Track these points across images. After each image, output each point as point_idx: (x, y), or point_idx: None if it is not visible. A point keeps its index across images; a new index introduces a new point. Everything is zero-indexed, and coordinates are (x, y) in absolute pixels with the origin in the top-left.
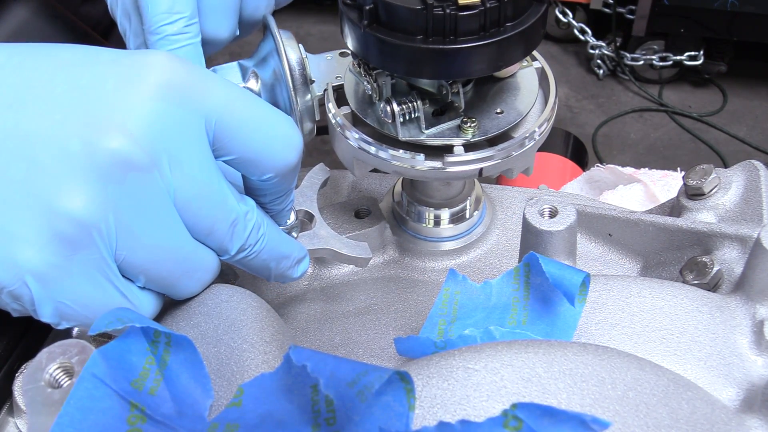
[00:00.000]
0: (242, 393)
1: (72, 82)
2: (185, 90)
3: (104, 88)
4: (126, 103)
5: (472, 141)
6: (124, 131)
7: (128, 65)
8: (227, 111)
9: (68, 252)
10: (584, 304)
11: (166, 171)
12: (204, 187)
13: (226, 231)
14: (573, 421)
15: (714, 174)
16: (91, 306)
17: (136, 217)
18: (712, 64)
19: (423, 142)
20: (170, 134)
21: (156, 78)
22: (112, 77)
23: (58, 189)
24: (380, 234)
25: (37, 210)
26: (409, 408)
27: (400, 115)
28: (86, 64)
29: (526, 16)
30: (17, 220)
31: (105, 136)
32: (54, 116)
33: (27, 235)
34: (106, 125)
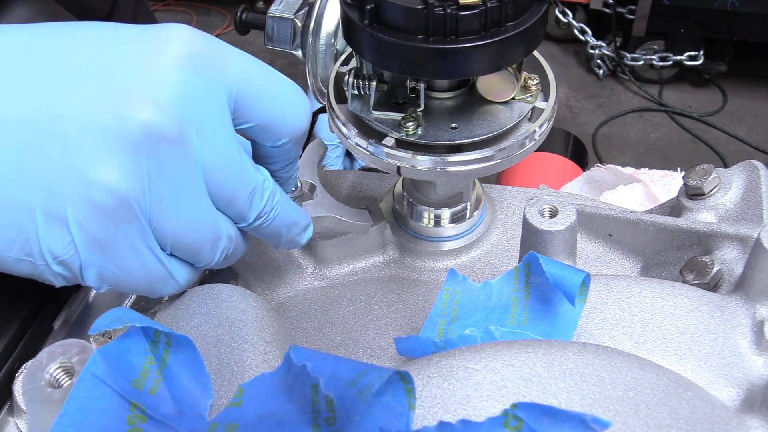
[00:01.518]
0: (242, 393)
1: (97, 59)
2: (207, 61)
3: (129, 62)
4: (152, 75)
5: (405, 139)
6: (154, 102)
7: (150, 39)
8: (247, 80)
9: (112, 223)
10: (584, 303)
11: (195, 142)
12: (227, 157)
13: (245, 200)
14: (573, 421)
15: (714, 174)
16: (133, 272)
17: (169, 188)
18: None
19: (365, 119)
20: (197, 104)
21: (178, 49)
22: (136, 51)
23: (95, 163)
24: (380, 234)
25: (78, 185)
26: (410, 408)
27: (353, 87)
28: (109, 40)
29: (526, 15)
30: (60, 196)
31: (135, 108)
32: (83, 92)
33: (72, 209)
34: (136, 97)
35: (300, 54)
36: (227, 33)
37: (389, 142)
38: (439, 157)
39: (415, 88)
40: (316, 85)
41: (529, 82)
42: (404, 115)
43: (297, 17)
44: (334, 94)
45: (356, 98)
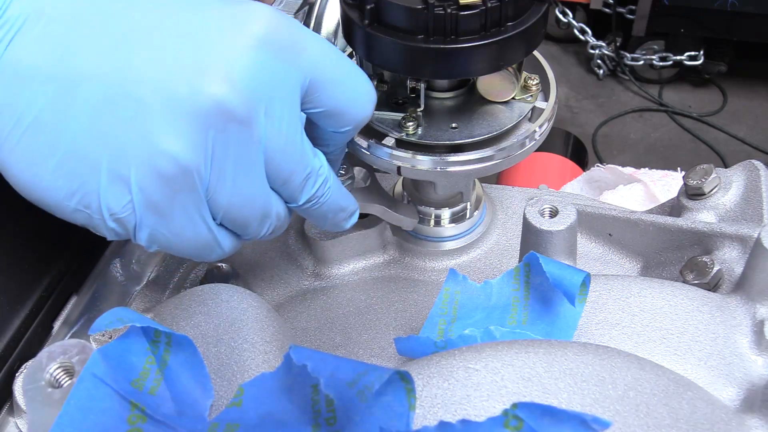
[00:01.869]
0: (242, 393)
1: (180, 28)
2: (286, 44)
3: (210, 36)
4: (231, 52)
5: (405, 139)
6: (229, 80)
7: (233, 15)
8: (321, 67)
9: (171, 190)
10: (584, 303)
11: (262, 122)
12: (289, 140)
13: (300, 183)
14: (573, 421)
15: (714, 174)
16: (183, 237)
17: (230, 164)
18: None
19: None
20: (269, 86)
21: (259, 29)
22: (218, 25)
23: (165, 131)
24: (380, 234)
25: (144, 149)
26: (410, 408)
27: None
28: (194, 10)
29: (526, 15)
30: (125, 157)
31: (210, 83)
32: (163, 59)
33: (135, 172)
34: (212, 72)
35: None
36: None
37: (389, 142)
38: (439, 157)
39: (415, 88)
40: None
41: (529, 82)
42: (404, 115)
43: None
44: None
45: None
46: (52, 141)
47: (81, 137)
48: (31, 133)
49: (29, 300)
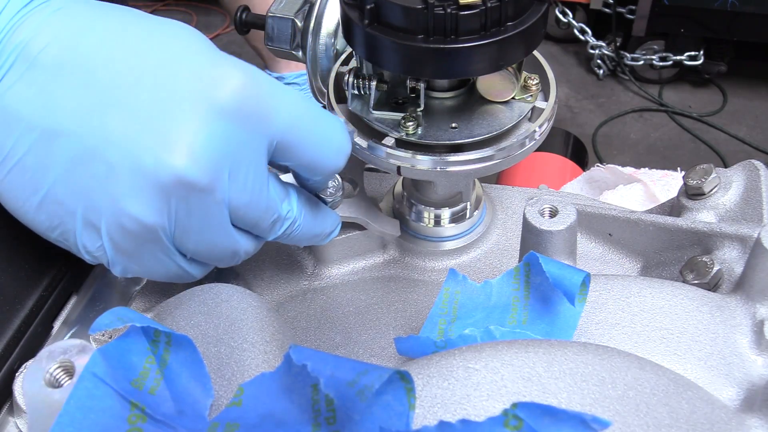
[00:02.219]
0: (242, 392)
1: (155, 92)
2: (254, 112)
3: (179, 104)
4: (195, 124)
5: (405, 139)
6: (191, 153)
7: (205, 77)
8: (290, 131)
9: (137, 242)
10: (584, 303)
11: (225, 185)
12: (254, 196)
13: (267, 227)
14: (573, 421)
15: (714, 174)
16: (154, 271)
17: (193, 222)
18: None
19: (364, 119)
20: (233, 154)
21: (228, 98)
22: (188, 89)
23: (130, 196)
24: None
25: (112, 208)
26: (410, 407)
27: (353, 86)
28: (169, 70)
29: (526, 15)
30: (96, 210)
31: (173, 156)
32: (134, 127)
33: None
34: (175, 145)
35: (300, 54)
36: (227, 33)
37: (389, 141)
38: (439, 157)
39: (415, 87)
40: (316, 84)
41: (529, 81)
42: (404, 114)
43: (297, 17)
44: (334, 94)
45: (356, 98)
46: (34, 183)
47: (58, 185)
48: (15, 173)
49: (29, 300)
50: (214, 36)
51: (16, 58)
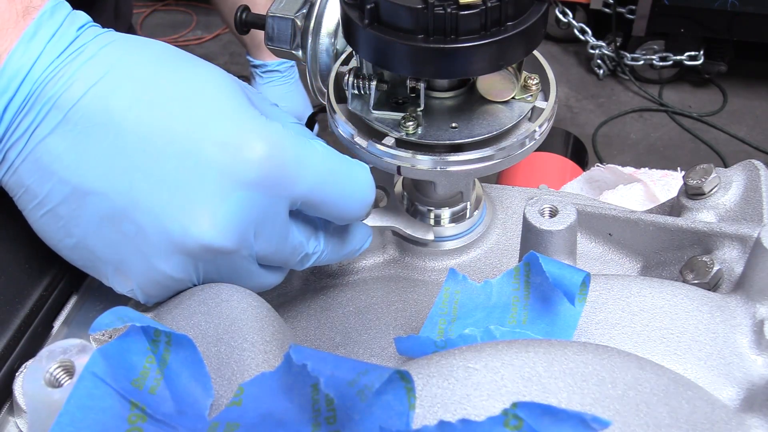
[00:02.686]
0: (242, 392)
1: (181, 161)
2: (278, 180)
3: (206, 176)
4: (221, 194)
5: (405, 138)
6: (215, 224)
7: (231, 152)
8: (316, 190)
9: (167, 290)
10: (584, 303)
11: (250, 244)
12: (279, 246)
13: (295, 264)
14: (573, 420)
15: (714, 173)
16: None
17: (223, 275)
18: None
19: (365, 119)
20: (257, 219)
21: (253, 172)
22: (215, 164)
23: (160, 257)
24: (380, 234)
25: (144, 265)
26: (410, 407)
27: (353, 86)
28: (196, 132)
29: (526, 15)
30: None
31: (198, 227)
32: (161, 193)
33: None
34: (200, 217)
35: (300, 54)
36: (227, 33)
37: (389, 141)
38: (439, 157)
39: (415, 87)
40: (316, 84)
41: (529, 81)
42: (404, 114)
43: (297, 17)
44: (334, 94)
45: (356, 98)
46: (66, 230)
47: (90, 237)
48: (49, 218)
49: (29, 300)
50: (214, 36)
51: (50, 109)
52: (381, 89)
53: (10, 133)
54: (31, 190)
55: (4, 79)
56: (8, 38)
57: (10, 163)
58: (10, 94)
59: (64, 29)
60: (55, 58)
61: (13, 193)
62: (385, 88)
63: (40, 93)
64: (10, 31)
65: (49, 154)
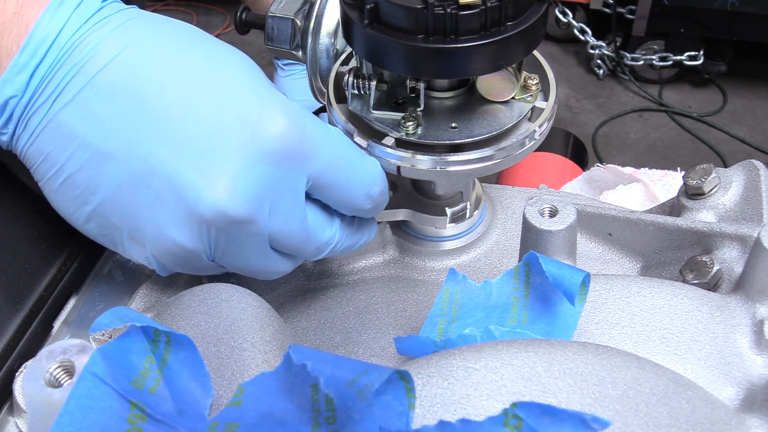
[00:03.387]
0: (242, 392)
1: (202, 128)
2: (295, 154)
3: (227, 144)
4: (240, 162)
5: (405, 138)
6: (232, 191)
7: (253, 123)
8: (327, 171)
9: (179, 260)
10: (584, 303)
11: (265, 219)
12: (295, 227)
13: (309, 254)
14: (573, 420)
15: (714, 174)
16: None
17: (232, 248)
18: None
19: (364, 119)
20: (273, 191)
21: (272, 144)
22: (236, 133)
23: (173, 224)
24: (380, 234)
25: (157, 233)
26: (410, 407)
27: (353, 86)
28: (218, 102)
29: (526, 15)
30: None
31: (214, 190)
32: (180, 159)
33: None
34: (218, 181)
35: (300, 54)
36: (227, 33)
37: (389, 141)
38: (439, 157)
39: (415, 87)
40: (316, 84)
41: (529, 81)
42: (404, 114)
43: (297, 17)
44: (334, 94)
45: (356, 98)
46: (84, 198)
47: (106, 204)
48: (67, 186)
49: (29, 300)
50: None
51: (74, 75)
52: (381, 89)
53: (34, 100)
54: (51, 157)
55: (32, 46)
56: (35, 6)
57: (32, 130)
58: (38, 59)
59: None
60: (80, 26)
61: (32, 162)
62: (385, 88)
63: (65, 60)
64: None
65: (71, 120)
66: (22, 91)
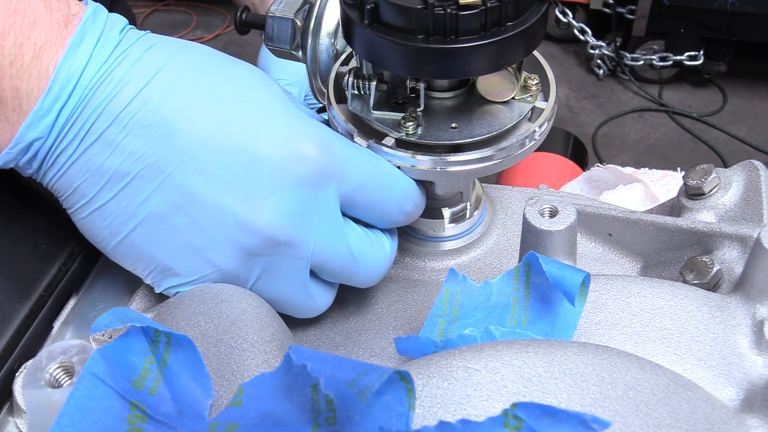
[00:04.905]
0: (242, 392)
1: (237, 158)
2: (329, 175)
3: (262, 172)
4: (277, 187)
5: (405, 139)
6: (274, 214)
7: (285, 152)
8: (358, 191)
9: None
10: (584, 303)
11: (308, 239)
12: (336, 250)
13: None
14: (573, 421)
15: (714, 174)
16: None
17: (273, 274)
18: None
19: (364, 119)
20: (312, 213)
21: (307, 168)
22: (270, 161)
23: (214, 251)
24: None
25: (195, 262)
26: (410, 407)
27: (353, 86)
28: (253, 138)
29: (526, 15)
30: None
31: (257, 219)
32: (217, 189)
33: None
34: (259, 209)
35: (300, 54)
36: (227, 33)
37: (389, 141)
38: (439, 157)
39: (415, 87)
40: (316, 85)
41: (529, 81)
42: (404, 114)
43: (297, 17)
44: (334, 94)
45: (356, 98)
46: (114, 227)
47: (137, 232)
48: (97, 215)
49: (29, 300)
50: (213, 36)
51: (100, 114)
52: (381, 89)
53: (60, 139)
54: (80, 190)
55: (56, 88)
56: (54, 48)
57: (60, 167)
58: (62, 102)
59: (107, 34)
60: (103, 63)
61: (60, 194)
62: (385, 88)
63: (90, 99)
64: (55, 41)
65: (100, 157)
66: (47, 133)
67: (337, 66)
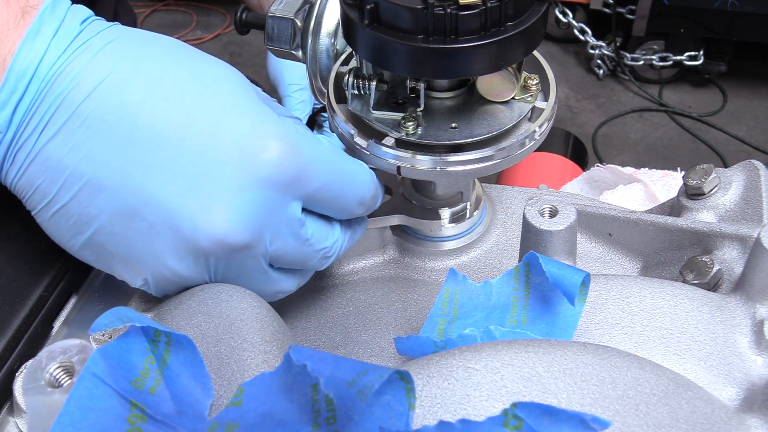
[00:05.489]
0: (242, 392)
1: (196, 156)
2: (291, 179)
3: (222, 172)
4: (236, 190)
5: (405, 139)
6: (229, 220)
7: (247, 150)
8: (321, 191)
9: (178, 286)
10: (584, 303)
11: (265, 242)
12: (295, 245)
13: (316, 264)
14: (573, 421)
15: (714, 174)
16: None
17: (233, 273)
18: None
19: (364, 119)
20: (271, 215)
21: (268, 171)
22: (231, 161)
23: (171, 255)
24: (380, 234)
25: (153, 261)
26: (410, 407)
27: (353, 86)
28: (212, 127)
29: (526, 15)
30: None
31: (211, 222)
32: (175, 189)
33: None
34: (215, 211)
35: (300, 54)
36: (227, 33)
37: (389, 141)
38: (439, 157)
39: (415, 87)
40: (316, 85)
41: (529, 81)
42: (404, 114)
43: (297, 17)
44: (334, 94)
45: (356, 98)
46: (77, 228)
47: (101, 233)
48: (60, 216)
49: (29, 300)
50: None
51: (58, 106)
52: (381, 89)
53: (19, 135)
54: (41, 189)
55: (12, 81)
56: (10, 39)
57: (20, 164)
58: (19, 95)
59: (67, 24)
60: (60, 54)
61: (23, 194)
62: (385, 88)
63: (48, 91)
64: (11, 32)
65: (59, 153)
66: (6, 127)
67: (337, 66)
